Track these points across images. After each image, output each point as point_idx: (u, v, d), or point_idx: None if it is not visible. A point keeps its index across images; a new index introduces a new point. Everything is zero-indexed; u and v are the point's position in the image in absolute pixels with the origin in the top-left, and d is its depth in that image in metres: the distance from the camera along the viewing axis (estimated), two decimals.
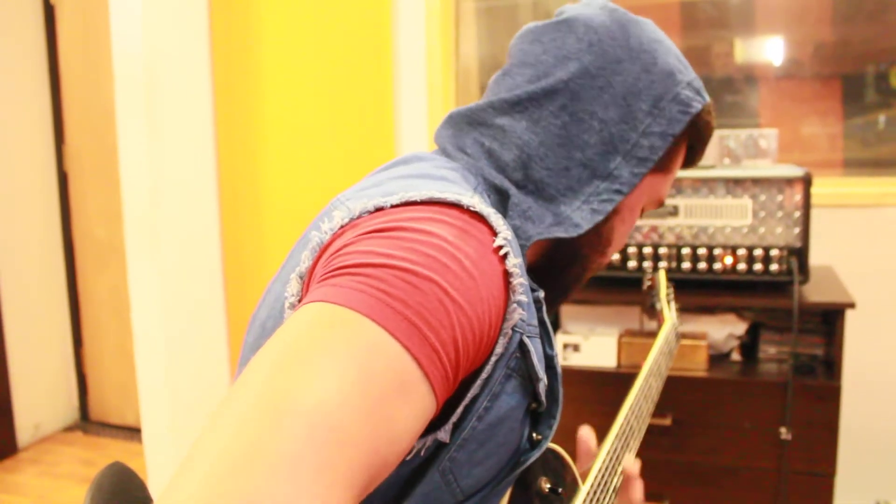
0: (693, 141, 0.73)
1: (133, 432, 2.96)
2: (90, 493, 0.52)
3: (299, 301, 0.51)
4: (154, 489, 2.26)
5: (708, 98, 0.70)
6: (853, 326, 1.88)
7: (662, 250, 1.67)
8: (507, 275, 0.51)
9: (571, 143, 0.64)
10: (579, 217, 0.63)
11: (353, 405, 0.38)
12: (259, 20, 2.31)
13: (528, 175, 0.64)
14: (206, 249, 2.40)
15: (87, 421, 3.13)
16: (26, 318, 2.92)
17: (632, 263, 1.69)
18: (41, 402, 3.00)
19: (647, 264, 1.68)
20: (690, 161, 0.76)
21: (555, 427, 0.59)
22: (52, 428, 3.05)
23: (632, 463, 0.80)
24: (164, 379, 2.24)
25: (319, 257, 0.51)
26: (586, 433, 0.84)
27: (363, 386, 0.39)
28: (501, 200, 0.64)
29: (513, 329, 0.52)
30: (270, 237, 2.41)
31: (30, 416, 2.94)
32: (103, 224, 2.96)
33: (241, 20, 2.33)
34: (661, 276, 1.22)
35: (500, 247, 0.51)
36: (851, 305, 1.52)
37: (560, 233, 0.62)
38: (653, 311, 1.20)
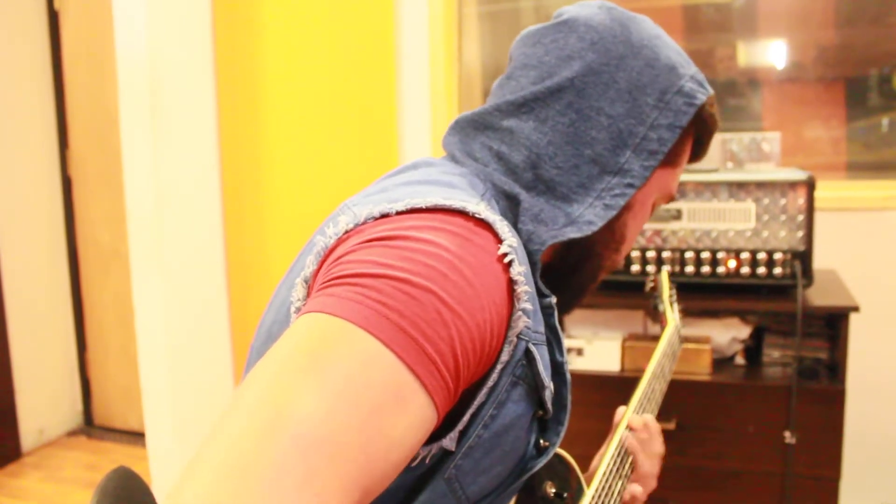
0: (699, 133, 0.73)
1: (137, 437, 2.96)
2: (95, 498, 0.52)
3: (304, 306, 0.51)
4: (158, 493, 2.26)
5: (711, 90, 0.71)
6: (857, 330, 1.87)
7: (666, 254, 1.67)
8: (511, 283, 0.51)
9: (580, 140, 0.64)
10: (592, 214, 0.63)
11: (343, 417, 0.38)
12: (262, 26, 2.32)
13: (539, 175, 0.64)
14: (209, 254, 2.40)
15: (90, 425, 3.14)
16: (30, 323, 2.92)
17: (635, 267, 1.69)
18: (45, 406, 3.00)
19: (650, 268, 1.68)
20: (697, 154, 0.76)
21: (562, 434, 0.59)
22: (56, 432, 3.06)
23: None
24: (167, 383, 2.24)
25: (323, 262, 0.51)
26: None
27: (355, 397, 0.39)
28: (511, 206, 0.63)
29: (518, 337, 0.52)
30: (274, 242, 2.41)
31: (34, 421, 2.94)
32: (107, 229, 2.97)
33: (245, 26, 2.34)
34: (664, 278, 1.22)
35: (505, 254, 0.51)
36: (855, 309, 1.52)
37: (574, 233, 0.62)
38: (655, 313, 1.20)
